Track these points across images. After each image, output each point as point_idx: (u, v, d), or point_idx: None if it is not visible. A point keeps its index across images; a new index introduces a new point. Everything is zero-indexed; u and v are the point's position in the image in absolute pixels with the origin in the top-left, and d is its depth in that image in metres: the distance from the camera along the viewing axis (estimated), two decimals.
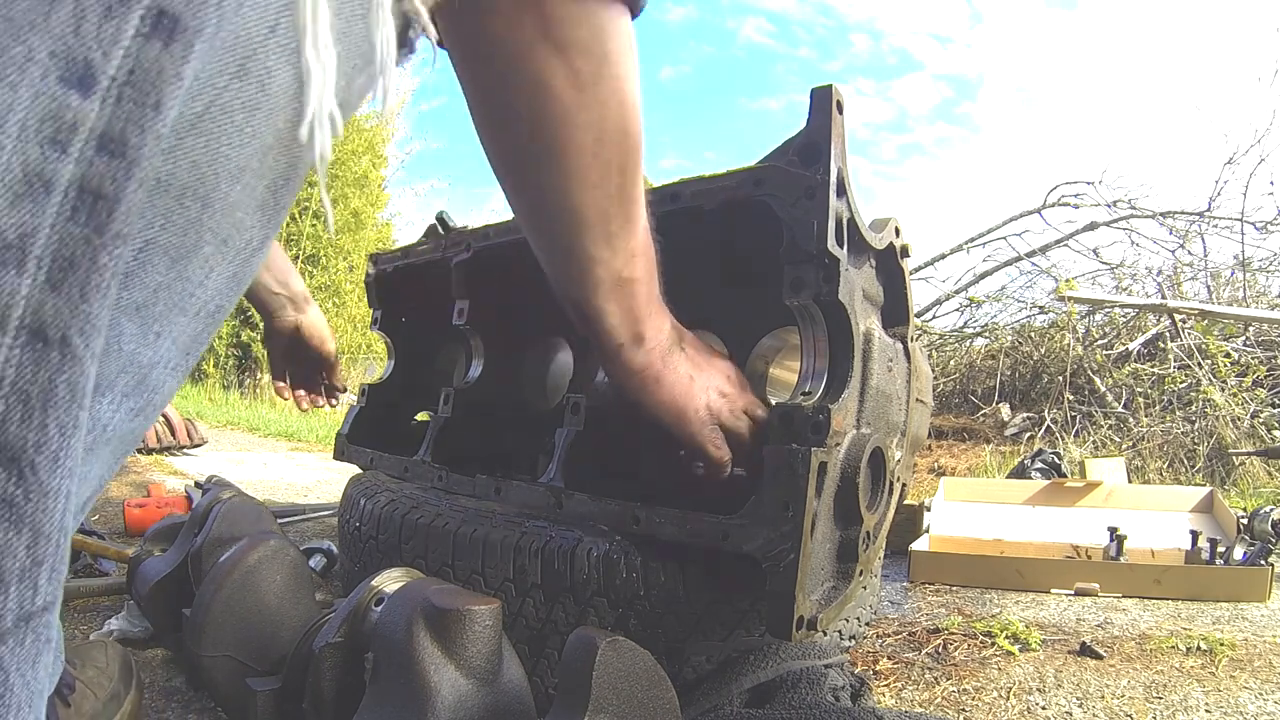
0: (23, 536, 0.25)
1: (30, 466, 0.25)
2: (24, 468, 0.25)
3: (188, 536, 0.90)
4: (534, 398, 1.26)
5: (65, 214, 0.24)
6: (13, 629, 0.26)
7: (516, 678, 0.58)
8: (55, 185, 0.24)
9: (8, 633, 0.26)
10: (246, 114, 0.28)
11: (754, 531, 0.68)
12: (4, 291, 0.24)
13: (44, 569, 0.26)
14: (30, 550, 0.25)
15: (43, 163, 0.24)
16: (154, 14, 0.24)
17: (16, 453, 0.25)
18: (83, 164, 0.24)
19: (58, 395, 0.25)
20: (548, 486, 0.86)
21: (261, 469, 2.65)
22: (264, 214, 0.31)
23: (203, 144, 0.27)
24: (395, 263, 1.26)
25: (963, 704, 0.84)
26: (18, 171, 0.23)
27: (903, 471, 0.91)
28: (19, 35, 0.23)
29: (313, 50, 0.29)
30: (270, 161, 0.30)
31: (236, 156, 0.28)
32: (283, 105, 0.29)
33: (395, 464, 1.11)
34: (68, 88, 0.24)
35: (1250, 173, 4.07)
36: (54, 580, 0.27)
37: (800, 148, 0.71)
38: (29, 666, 0.26)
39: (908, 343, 0.90)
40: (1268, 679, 0.88)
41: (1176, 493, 1.69)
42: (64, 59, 0.24)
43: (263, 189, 0.31)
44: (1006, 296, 4.53)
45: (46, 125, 0.24)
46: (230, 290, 0.32)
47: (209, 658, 0.68)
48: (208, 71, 0.26)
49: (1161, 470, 2.92)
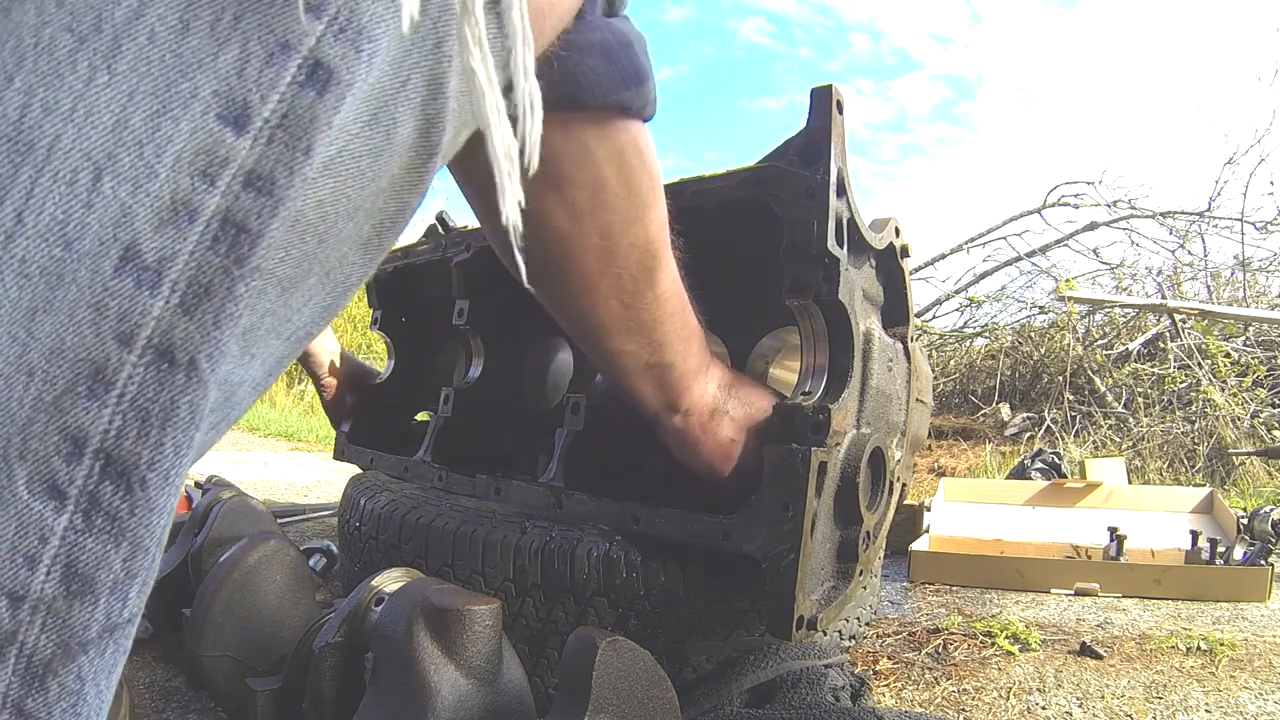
0: (120, 550, 0.26)
1: (141, 482, 0.25)
2: (134, 483, 0.25)
3: (188, 536, 0.90)
4: (534, 398, 1.26)
5: (206, 243, 0.25)
6: (96, 640, 0.26)
7: (516, 678, 0.58)
8: (199, 215, 0.25)
9: (91, 643, 0.26)
10: (371, 159, 0.29)
11: (754, 531, 0.68)
12: (135, 311, 0.25)
13: (136, 582, 0.26)
14: (126, 564, 0.26)
15: (190, 192, 0.25)
16: (310, 64, 0.26)
17: (128, 468, 0.25)
18: (229, 197, 0.25)
19: (179, 416, 0.26)
20: (548, 486, 0.86)
21: (261, 469, 2.65)
22: (366, 252, 0.33)
23: (331, 185, 0.28)
24: (395, 263, 1.26)
25: (963, 704, 0.84)
26: (166, 199, 0.25)
27: (903, 471, 0.91)
28: (187, 73, 0.25)
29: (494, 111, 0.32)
30: (381, 204, 0.31)
31: (356, 198, 0.29)
32: (402, 153, 0.31)
33: (395, 464, 1.11)
34: (224, 125, 0.25)
35: (1250, 173, 4.09)
36: (143, 594, 0.27)
37: (800, 148, 0.71)
38: (105, 678, 0.27)
39: (908, 343, 0.90)
40: (1268, 679, 0.88)
41: (1176, 493, 1.69)
42: (225, 98, 0.25)
43: (369, 228, 0.32)
44: (1006, 296, 4.54)
45: (200, 158, 0.25)
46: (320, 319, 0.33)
47: (209, 658, 0.68)
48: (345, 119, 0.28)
49: (1161, 470, 2.92)
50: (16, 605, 0.24)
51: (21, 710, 0.25)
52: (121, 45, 0.24)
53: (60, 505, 0.25)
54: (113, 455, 0.25)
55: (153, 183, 0.24)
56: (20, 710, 0.25)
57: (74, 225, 0.24)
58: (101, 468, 0.25)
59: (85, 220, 0.24)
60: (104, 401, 0.25)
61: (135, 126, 0.24)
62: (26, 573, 0.24)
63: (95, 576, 0.25)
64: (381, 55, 0.28)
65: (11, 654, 0.24)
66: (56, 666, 0.25)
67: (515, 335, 1.18)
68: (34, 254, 0.24)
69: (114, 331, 0.25)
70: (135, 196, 0.24)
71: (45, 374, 0.24)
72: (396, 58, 0.29)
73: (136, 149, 0.24)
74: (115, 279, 0.24)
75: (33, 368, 0.24)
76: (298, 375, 7.55)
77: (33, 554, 0.24)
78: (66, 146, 0.24)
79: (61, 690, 0.25)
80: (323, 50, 0.26)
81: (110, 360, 0.25)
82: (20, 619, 0.24)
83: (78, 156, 0.24)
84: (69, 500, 0.25)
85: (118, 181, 0.24)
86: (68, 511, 0.25)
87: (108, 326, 0.25)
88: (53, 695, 0.25)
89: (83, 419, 0.25)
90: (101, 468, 0.25)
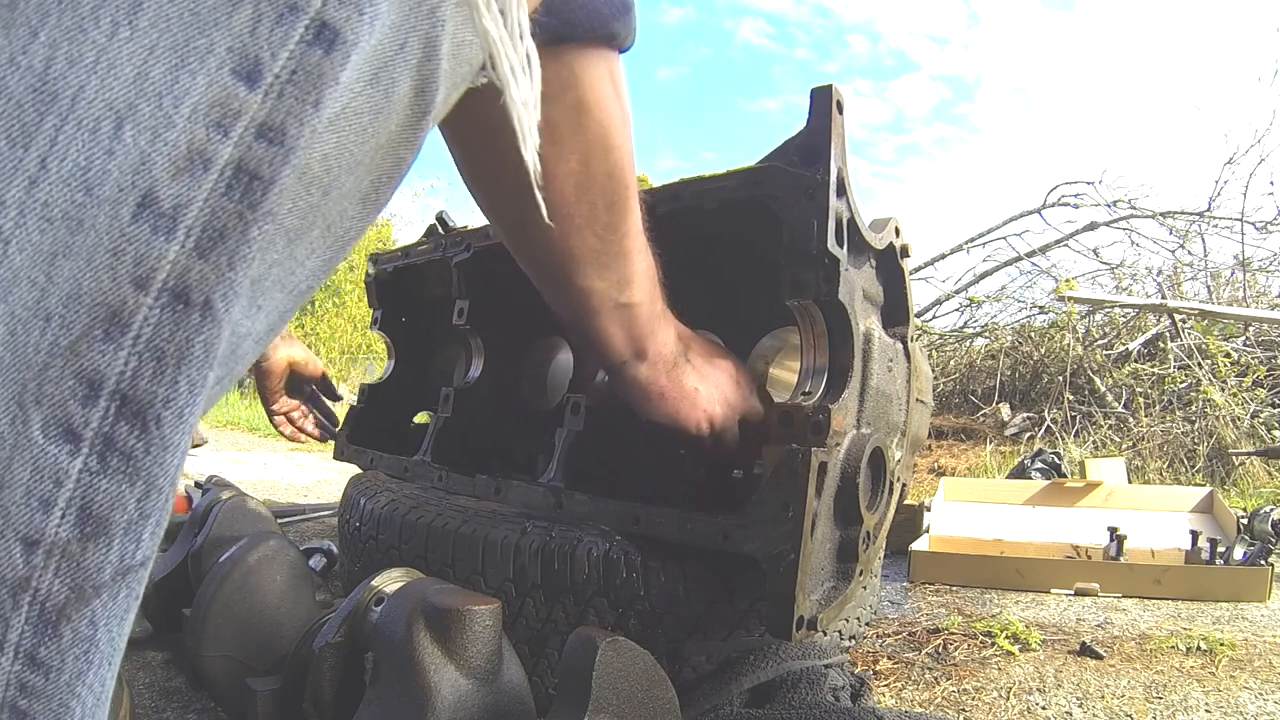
0: (135, 489, 0.26)
1: (156, 420, 0.26)
2: (149, 421, 0.26)
3: (188, 536, 0.90)
4: (534, 398, 1.26)
5: (220, 190, 0.27)
6: (109, 583, 0.26)
7: (516, 678, 0.58)
8: (214, 164, 0.27)
9: (104, 586, 0.26)
10: (372, 116, 0.31)
11: (754, 531, 0.68)
12: (151, 255, 0.26)
13: (150, 523, 0.27)
14: (140, 503, 0.26)
15: (206, 142, 0.26)
16: (317, 25, 0.28)
17: (143, 407, 0.26)
18: (242, 147, 0.27)
19: (194, 354, 0.27)
20: (548, 486, 0.86)
21: (261, 469, 2.65)
22: (364, 206, 0.35)
23: (335, 139, 0.30)
24: (395, 262, 1.26)
25: (963, 704, 0.84)
26: (183, 148, 0.26)
27: (903, 471, 0.91)
28: (203, 30, 0.26)
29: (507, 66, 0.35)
30: (380, 159, 0.34)
31: (358, 152, 0.31)
32: (400, 111, 0.33)
33: (395, 464, 1.11)
34: (238, 79, 0.27)
35: (1250, 173, 4.08)
36: (155, 535, 0.27)
37: (800, 148, 0.71)
38: (117, 623, 0.27)
39: (908, 343, 0.90)
40: (1268, 679, 0.88)
41: (1176, 493, 1.69)
42: (239, 54, 0.27)
43: (368, 183, 0.34)
44: (1006, 296, 4.54)
45: (215, 110, 0.26)
46: (321, 273, 0.35)
47: (209, 658, 0.68)
48: (350, 77, 0.29)
49: (1161, 470, 2.92)
50: (31, 550, 0.25)
51: (34, 660, 0.25)
52: (143, 2, 0.25)
53: (75, 448, 0.25)
54: (128, 396, 0.26)
55: (170, 132, 0.26)
56: (33, 660, 0.25)
57: (95, 171, 0.25)
58: (117, 409, 0.26)
59: (106, 167, 0.25)
60: (120, 344, 0.26)
61: (155, 79, 0.26)
62: (41, 517, 0.25)
63: (110, 517, 0.26)
64: (382, 18, 0.30)
65: (25, 600, 0.25)
66: (70, 611, 0.25)
67: (515, 335, 1.18)
68: (57, 198, 0.25)
69: (130, 276, 0.26)
70: (154, 145, 0.26)
71: (62, 319, 0.25)
72: (396, 21, 0.30)
73: (156, 100, 0.26)
74: (133, 224, 0.26)
75: (50, 313, 0.25)
76: None
77: (48, 498, 0.25)
78: (90, 96, 0.25)
79: (75, 636, 0.26)
80: (328, 12, 0.28)
81: (127, 303, 0.26)
82: (34, 564, 0.25)
83: (101, 106, 0.25)
84: (84, 443, 0.25)
85: (138, 131, 0.25)
86: (82, 454, 0.25)
87: (124, 271, 0.26)
88: (66, 642, 0.25)
89: (99, 361, 0.26)
90: (117, 409, 0.26)
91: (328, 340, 7.63)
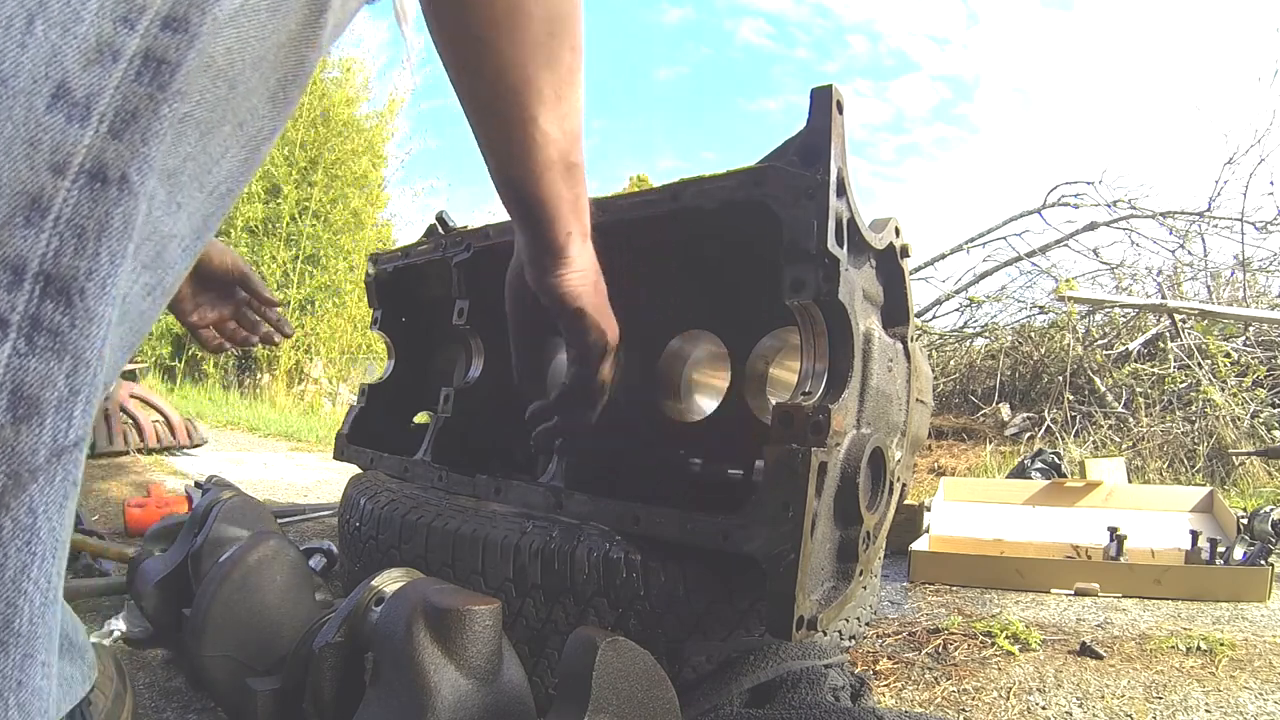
0: (64, 364, 0.27)
1: (80, 293, 0.27)
2: (73, 295, 0.27)
3: (188, 536, 0.90)
4: (534, 397, 1.26)
5: (130, 77, 0.28)
6: (44, 465, 0.26)
7: (516, 678, 0.58)
8: (122, 54, 0.28)
9: (39, 469, 0.26)
10: (270, 14, 0.33)
11: (754, 531, 0.68)
12: (67, 142, 0.27)
13: (80, 399, 0.27)
14: (70, 379, 0.27)
15: (113, 35, 0.28)
16: None
17: (67, 282, 0.27)
18: (148, 38, 0.29)
19: (113, 226, 0.28)
20: (548, 486, 0.86)
21: (261, 469, 2.65)
22: (274, 105, 0.36)
23: (235, 34, 0.32)
24: (395, 262, 1.26)
25: (963, 704, 0.84)
26: (92, 41, 0.28)
27: (903, 471, 0.91)
28: None
29: None
30: (283, 57, 0.35)
31: (259, 48, 0.33)
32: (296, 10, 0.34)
33: (395, 464, 1.11)
34: None
35: (1250, 173, 4.07)
36: (87, 414, 0.28)
37: (800, 148, 0.71)
38: (56, 510, 0.27)
39: (908, 343, 0.90)
40: (1268, 679, 0.88)
41: (1176, 493, 1.69)
42: None
43: (274, 81, 0.35)
44: (1006, 296, 4.53)
45: (120, 5, 0.28)
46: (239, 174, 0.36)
47: (209, 658, 0.68)
48: None
49: (1161, 470, 2.92)
50: None
51: None
52: None
53: (3, 334, 0.26)
54: (51, 275, 0.27)
55: (79, 26, 0.27)
56: None
57: (9, 63, 0.26)
58: (41, 289, 0.27)
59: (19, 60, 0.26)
60: (40, 228, 0.27)
61: None
62: None
63: (40, 397, 0.26)
64: None
65: None
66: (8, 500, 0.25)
67: None
68: None
69: (48, 163, 0.27)
70: (64, 39, 0.27)
71: None
72: None
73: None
74: (48, 114, 0.27)
75: None
76: (296, 376, 7.56)
77: None
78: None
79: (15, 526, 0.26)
80: None
81: (45, 189, 0.27)
82: None
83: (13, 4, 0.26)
84: (10, 327, 0.26)
85: (48, 25, 0.27)
86: (10, 338, 0.26)
87: (42, 159, 0.27)
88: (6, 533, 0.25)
89: (21, 247, 0.26)
90: (41, 289, 0.27)
91: (328, 340, 7.62)
